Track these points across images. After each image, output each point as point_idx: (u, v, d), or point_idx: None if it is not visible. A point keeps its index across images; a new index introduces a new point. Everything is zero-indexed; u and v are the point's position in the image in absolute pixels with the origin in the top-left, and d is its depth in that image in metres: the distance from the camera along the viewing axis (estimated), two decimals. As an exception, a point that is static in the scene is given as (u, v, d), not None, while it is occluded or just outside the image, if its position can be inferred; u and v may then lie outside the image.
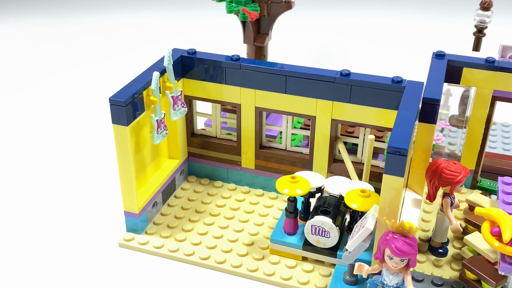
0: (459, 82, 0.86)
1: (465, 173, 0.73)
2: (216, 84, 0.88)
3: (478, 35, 1.04)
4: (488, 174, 0.94)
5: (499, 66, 0.83)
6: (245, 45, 1.18)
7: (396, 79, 0.78)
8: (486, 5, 1.00)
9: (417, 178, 0.77)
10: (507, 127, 1.17)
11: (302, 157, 0.90)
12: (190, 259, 0.79)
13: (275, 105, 0.86)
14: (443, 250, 0.79)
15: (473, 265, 0.70)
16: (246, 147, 0.92)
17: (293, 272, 0.77)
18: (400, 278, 0.64)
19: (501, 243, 0.61)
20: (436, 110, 0.71)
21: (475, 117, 0.88)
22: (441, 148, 1.04)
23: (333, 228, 0.74)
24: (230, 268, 0.78)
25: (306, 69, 0.83)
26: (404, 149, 0.60)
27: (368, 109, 0.81)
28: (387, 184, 0.63)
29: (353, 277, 0.73)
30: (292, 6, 1.11)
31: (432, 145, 0.74)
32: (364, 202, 0.72)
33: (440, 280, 0.72)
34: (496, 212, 0.63)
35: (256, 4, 1.07)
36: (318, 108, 0.84)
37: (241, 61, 0.85)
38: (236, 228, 0.85)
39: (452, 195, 0.76)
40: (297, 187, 0.76)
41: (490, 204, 0.82)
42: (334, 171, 0.88)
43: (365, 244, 0.66)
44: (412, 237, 0.61)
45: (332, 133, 0.85)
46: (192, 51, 0.88)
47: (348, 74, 0.80)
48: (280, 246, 0.79)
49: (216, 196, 0.93)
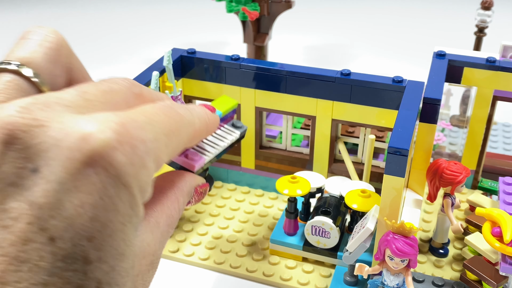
0: (460, 82, 0.86)
1: (466, 173, 0.73)
2: (216, 84, 0.88)
3: (479, 35, 1.03)
4: (489, 174, 0.93)
5: (500, 65, 0.83)
6: (245, 45, 1.18)
7: (397, 79, 0.78)
8: (487, 4, 1.00)
9: (417, 178, 0.77)
10: (508, 127, 1.17)
11: (302, 157, 0.90)
12: (190, 260, 0.79)
13: (275, 105, 0.86)
14: (444, 250, 0.79)
15: (474, 265, 0.69)
16: (246, 147, 0.92)
17: (293, 272, 0.77)
18: (400, 279, 0.63)
19: (502, 243, 0.61)
20: (437, 110, 0.71)
21: (476, 117, 0.88)
22: (442, 148, 1.04)
23: (334, 228, 0.74)
24: (229, 268, 0.77)
25: (306, 69, 0.83)
26: (404, 149, 0.60)
27: (369, 109, 0.80)
28: (387, 184, 0.63)
29: (353, 278, 0.72)
30: (292, 5, 1.10)
31: (433, 145, 0.74)
32: (364, 203, 0.72)
33: (441, 280, 0.71)
34: (497, 213, 0.63)
35: (256, 4, 1.06)
36: (318, 108, 0.84)
37: (241, 61, 0.85)
38: (236, 229, 0.85)
39: (453, 196, 0.76)
40: (297, 187, 0.76)
41: (491, 205, 0.81)
42: (335, 171, 0.88)
43: (365, 244, 0.66)
44: (412, 238, 0.61)
45: (332, 133, 0.85)
46: (192, 50, 0.88)
47: (348, 74, 0.80)
48: (280, 246, 0.79)
49: (216, 196, 0.93)
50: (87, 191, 0.34)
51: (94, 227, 0.34)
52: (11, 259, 0.32)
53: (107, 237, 0.35)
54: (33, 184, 0.33)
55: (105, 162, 0.34)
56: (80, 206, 0.33)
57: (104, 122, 0.34)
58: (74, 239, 0.33)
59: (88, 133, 0.34)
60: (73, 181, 0.33)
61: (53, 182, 0.33)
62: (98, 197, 0.34)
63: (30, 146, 0.33)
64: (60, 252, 0.33)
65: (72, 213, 0.33)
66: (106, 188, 0.34)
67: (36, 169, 0.33)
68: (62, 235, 0.33)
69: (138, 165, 0.36)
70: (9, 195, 0.33)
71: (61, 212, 0.33)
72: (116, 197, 0.35)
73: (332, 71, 0.82)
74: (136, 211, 0.37)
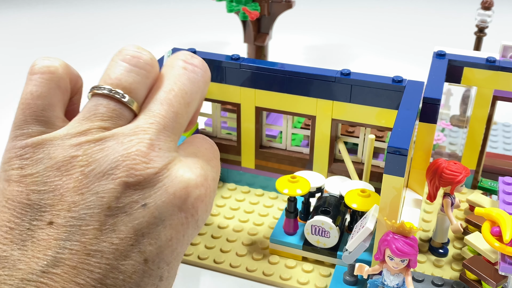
0: (459, 82, 0.86)
1: (465, 173, 0.73)
2: (216, 84, 0.88)
3: (479, 35, 1.03)
4: (489, 174, 0.93)
5: (500, 65, 0.83)
6: (246, 45, 1.18)
7: (397, 79, 0.78)
8: (487, 4, 1.00)
9: (417, 178, 0.77)
10: (508, 127, 1.17)
11: (302, 156, 0.90)
12: (189, 259, 0.79)
13: (275, 105, 0.86)
14: (443, 250, 0.79)
15: (473, 265, 0.69)
16: (246, 146, 0.92)
17: (293, 272, 0.77)
18: (400, 279, 0.64)
19: (501, 243, 0.61)
20: (436, 110, 0.71)
21: (476, 117, 0.88)
22: (442, 148, 1.04)
23: (333, 228, 0.74)
24: (229, 268, 0.77)
25: (306, 69, 0.83)
26: (404, 149, 0.60)
27: (369, 108, 0.81)
28: (387, 184, 0.63)
29: (353, 277, 0.72)
30: (292, 5, 1.11)
31: (432, 145, 0.74)
32: (364, 202, 0.72)
33: (441, 280, 0.71)
34: (496, 212, 0.63)
35: (256, 4, 1.06)
36: (318, 107, 0.84)
37: (241, 61, 0.85)
38: (235, 228, 0.85)
39: (452, 195, 0.76)
40: (297, 187, 0.76)
41: (490, 204, 0.81)
42: (334, 171, 0.88)
43: (365, 244, 0.66)
44: (412, 238, 0.61)
45: (332, 133, 0.85)
46: (192, 50, 0.88)
47: (348, 73, 0.80)
48: (280, 246, 0.79)
49: (216, 196, 0.93)
50: (177, 229, 0.43)
51: (173, 256, 0.44)
52: (111, 267, 0.40)
53: (176, 262, 0.45)
54: (141, 216, 0.41)
55: (194, 210, 0.44)
56: (170, 240, 0.43)
57: (199, 176, 0.45)
58: (160, 263, 0.43)
59: (187, 183, 0.43)
60: (170, 220, 0.43)
61: (157, 219, 0.42)
62: (182, 235, 0.44)
63: (144, 187, 0.42)
64: (148, 272, 0.42)
65: (164, 244, 0.43)
66: (189, 228, 0.44)
67: (145, 205, 0.42)
68: (153, 259, 0.42)
69: (209, 211, 0.47)
70: (120, 221, 0.41)
71: (157, 242, 0.42)
72: (192, 235, 0.45)
73: (332, 71, 0.82)
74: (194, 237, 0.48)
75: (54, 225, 0.40)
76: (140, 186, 0.41)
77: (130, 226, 0.41)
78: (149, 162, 0.42)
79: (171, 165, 0.43)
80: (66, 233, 0.40)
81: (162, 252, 0.42)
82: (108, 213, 0.40)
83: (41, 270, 0.38)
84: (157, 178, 0.42)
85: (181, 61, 0.50)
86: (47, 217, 0.40)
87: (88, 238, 0.40)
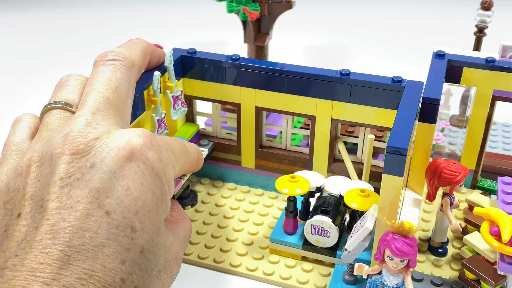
0: (459, 82, 0.86)
1: (464, 173, 0.73)
2: (217, 84, 0.88)
3: (478, 35, 1.04)
4: (488, 174, 0.94)
5: (500, 66, 0.83)
6: (246, 45, 1.18)
7: (396, 79, 0.78)
8: (487, 5, 1.00)
9: (417, 178, 0.77)
10: (508, 127, 1.17)
11: (302, 156, 0.90)
12: (189, 259, 0.79)
13: (275, 105, 0.86)
14: (442, 250, 0.79)
15: (472, 265, 0.70)
16: (246, 146, 0.92)
17: (293, 271, 0.77)
18: (400, 279, 0.64)
19: (500, 243, 0.61)
20: (436, 110, 0.71)
21: (476, 117, 0.88)
22: (441, 148, 1.04)
23: (333, 227, 0.74)
24: (229, 267, 0.78)
25: (306, 69, 0.83)
26: (403, 148, 0.60)
27: (368, 108, 0.81)
28: (386, 184, 0.63)
29: (352, 277, 0.73)
30: (292, 5, 1.11)
31: (432, 145, 0.74)
32: (363, 202, 0.72)
33: (440, 280, 0.72)
34: (495, 212, 0.63)
35: (256, 4, 1.07)
36: (318, 107, 0.84)
37: (241, 61, 0.85)
38: (235, 228, 0.85)
39: (452, 195, 0.76)
40: (297, 186, 0.76)
41: (489, 204, 0.82)
42: (334, 171, 0.88)
43: (364, 243, 0.66)
44: (412, 238, 0.61)
45: (332, 132, 0.85)
46: (193, 50, 0.88)
47: (348, 73, 0.80)
48: (279, 245, 0.79)
49: (216, 195, 0.93)
50: (131, 178, 0.47)
51: (137, 204, 0.47)
52: (76, 228, 0.44)
53: (146, 212, 0.47)
54: (91, 176, 0.46)
55: (143, 157, 0.48)
56: (127, 189, 0.46)
57: (140, 133, 0.50)
58: (124, 212, 0.46)
59: (129, 138, 0.49)
60: (121, 171, 0.47)
61: (107, 172, 0.46)
62: (139, 183, 0.47)
63: (89, 152, 0.47)
64: (113, 222, 0.45)
65: (122, 194, 0.46)
66: (145, 176, 0.48)
67: (93, 165, 0.46)
68: (115, 210, 0.45)
69: (164, 163, 0.51)
70: (74, 186, 0.46)
71: (114, 193, 0.46)
72: (151, 183, 0.48)
73: (332, 71, 0.82)
74: (165, 197, 0.51)
75: (21, 216, 0.46)
76: (83, 152, 0.47)
77: (84, 187, 0.45)
78: (87, 135, 0.48)
79: (112, 131, 0.50)
80: (31, 218, 0.46)
81: (122, 201, 0.46)
82: (62, 184, 0.46)
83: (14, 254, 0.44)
84: (99, 142, 0.48)
85: (99, 61, 0.60)
86: (15, 212, 0.47)
87: (49, 212, 0.45)
